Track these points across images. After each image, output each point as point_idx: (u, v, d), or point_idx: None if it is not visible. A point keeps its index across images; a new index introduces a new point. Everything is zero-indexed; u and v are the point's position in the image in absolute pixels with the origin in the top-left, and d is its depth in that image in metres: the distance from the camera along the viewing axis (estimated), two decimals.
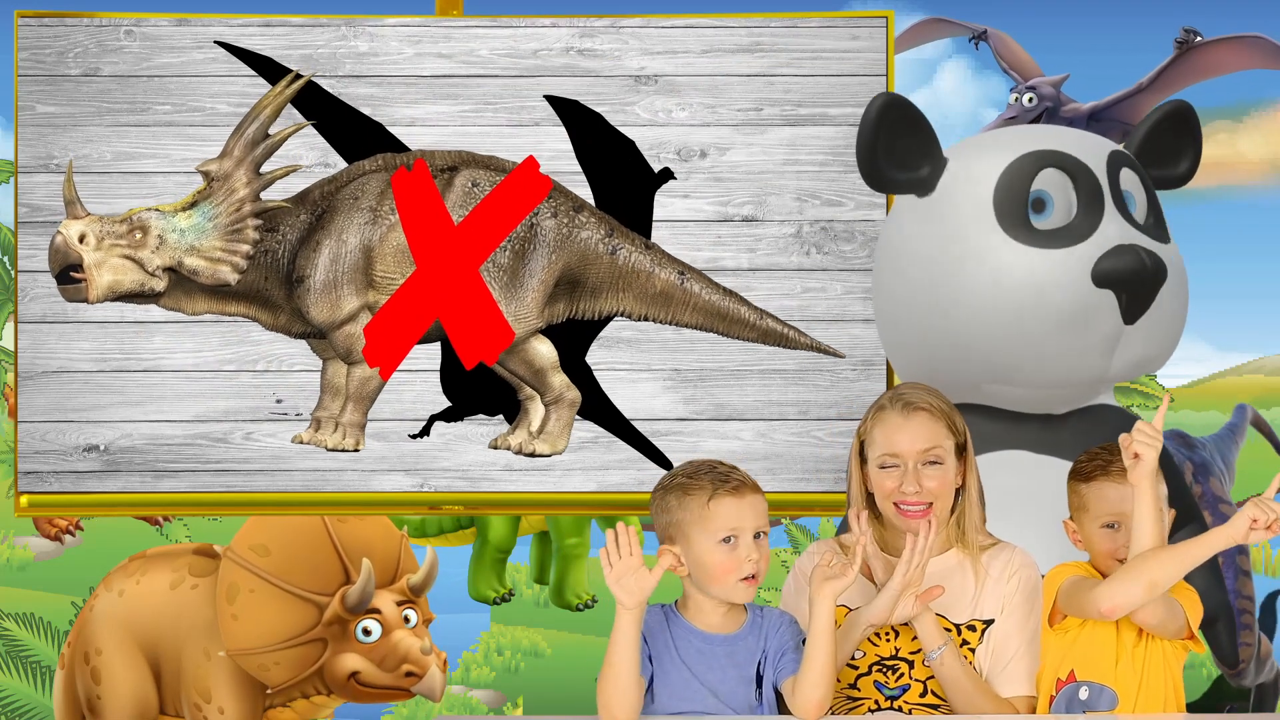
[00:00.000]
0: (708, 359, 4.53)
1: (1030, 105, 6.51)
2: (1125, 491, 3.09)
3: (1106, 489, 3.14)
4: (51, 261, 4.40)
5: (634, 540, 2.93)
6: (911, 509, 3.19)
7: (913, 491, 3.18)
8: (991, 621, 3.22)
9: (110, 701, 4.39)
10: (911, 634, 3.20)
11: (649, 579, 2.92)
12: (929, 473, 3.20)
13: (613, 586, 2.92)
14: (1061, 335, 3.66)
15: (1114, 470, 3.13)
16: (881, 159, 3.80)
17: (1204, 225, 8.09)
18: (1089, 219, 3.69)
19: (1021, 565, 3.26)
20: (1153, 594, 3.00)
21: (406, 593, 4.27)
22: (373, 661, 4.20)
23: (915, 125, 3.83)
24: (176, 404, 4.51)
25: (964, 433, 3.26)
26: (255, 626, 4.21)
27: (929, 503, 3.19)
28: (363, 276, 4.42)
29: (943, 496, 3.22)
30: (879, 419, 3.25)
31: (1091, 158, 3.76)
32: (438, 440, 4.53)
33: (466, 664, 7.49)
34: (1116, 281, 3.62)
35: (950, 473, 3.22)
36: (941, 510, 3.22)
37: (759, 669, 3.04)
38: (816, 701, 2.98)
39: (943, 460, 3.21)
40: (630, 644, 2.93)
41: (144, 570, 4.49)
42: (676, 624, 3.06)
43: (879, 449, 3.22)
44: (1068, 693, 3.13)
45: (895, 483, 3.20)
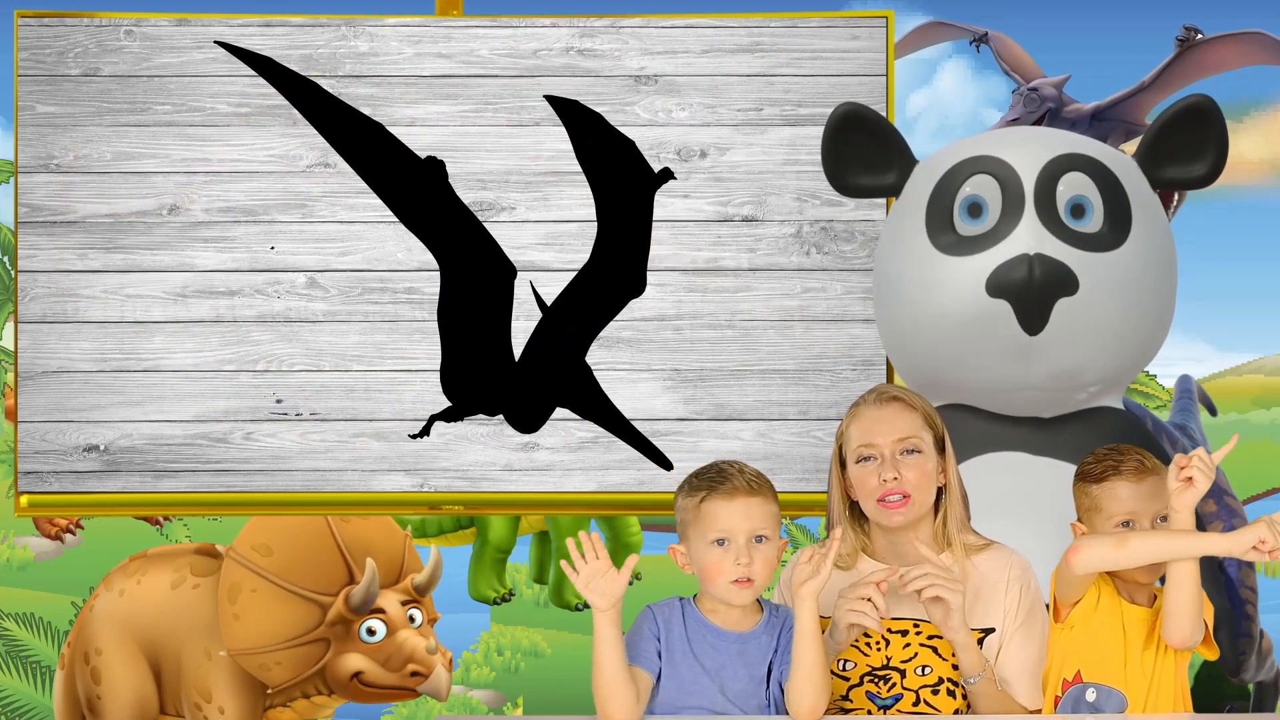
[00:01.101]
0: (708, 359, 4.53)
1: (1032, 106, 6.52)
2: (1139, 490, 3.09)
3: (1119, 488, 3.13)
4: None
5: (597, 544, 2.95)
6: (891, 500, 3.17)
7: (891, 479, 3.16)
8: (990, 630, 3.21)
9: (110, 701, 4.39)
10: (903, 643, 3.19)
11: (618, 580, 2.94)
12: (907, 462, 3.18)
13: (584, 591, 2.94)
14: (969, 344, 3.69)
15: (1126, 470, 3.12)
16: (842, 166, 3.93)
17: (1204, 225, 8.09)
18: (1006, 226, 3.69)
19: (1021, 572, 3.23)
20: (1121, 557, 2.99)
21: (411, 592, 4.28)
22: (377, 661, 4.20)
23: (876, 132, 3.91)
24: (176, 404, 4.51)
25: (942, 430, 3.24)
26: (257, 626, 4.21)
27: (907, 493, 3.17)
28: None
29: (921, 489, 3.19)
30: (855, 414, 3.25)
31: (1025, 163, 3.75)
32: (438, 440, 4.53)
33: (466, 664, 7.49)
34: (1006, 292, 3.62)
35: (929, 464, 3.19)
36: (921, 504, 3.20)
37: (770, 667, 3.04)
38: (808, 704, 2.97)
39: (921, 450, 3.19)
40: (612, 644, 2.94)
41: (144, 570, 4.49)
42: (692, 617, 3.07)
43: (856, 442, 3.21)
44: (1074, 693, 3.12)
45: (874, 477, 3.18)
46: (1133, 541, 2.99)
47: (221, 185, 4.54)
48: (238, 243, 4.53)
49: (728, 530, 3.00)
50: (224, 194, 4.54)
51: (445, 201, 4.54)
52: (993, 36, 6.83)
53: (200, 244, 4.53)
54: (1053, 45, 7.44)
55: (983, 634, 3.21)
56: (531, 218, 4.54)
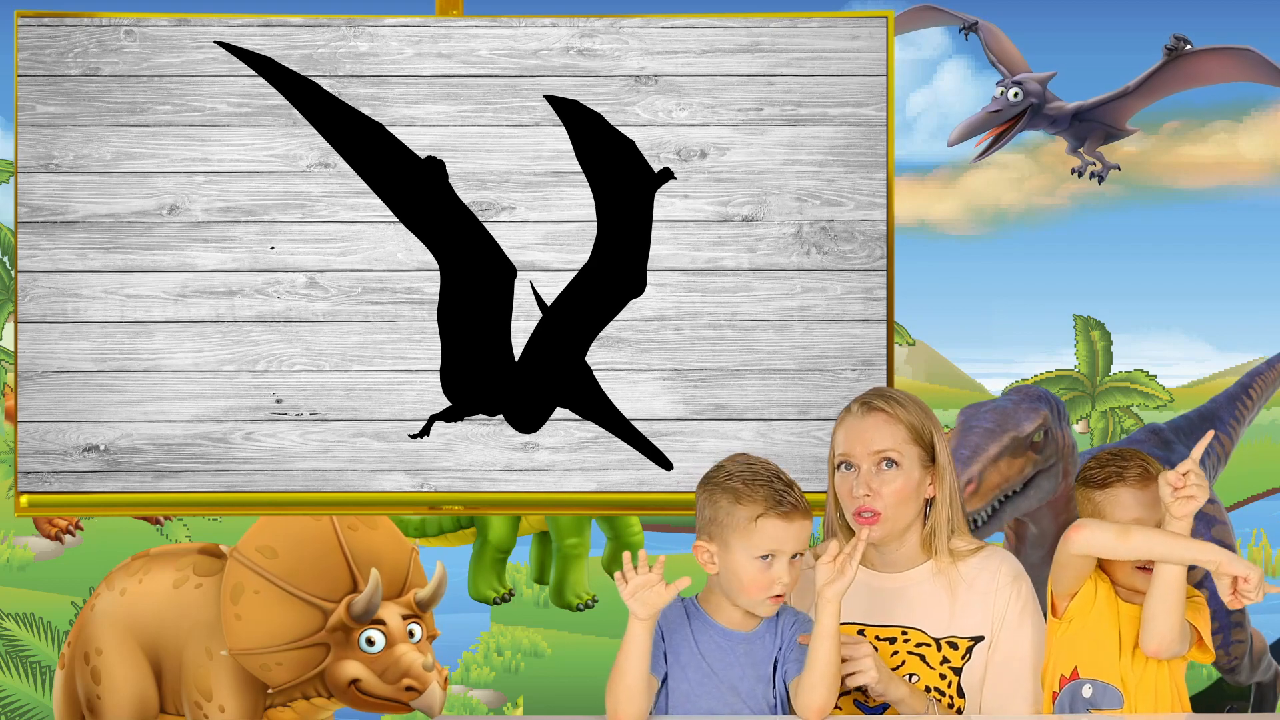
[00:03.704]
0: (708, 359, 4.53)
1: (1015, 100, 6.52)
2: (1142, 496, 3.10)
3: (1123, 494, 3.14)
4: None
5: (658, 566, 2.93)
6: (864, 515, 3.14)
7: (861, 494, 3.13)
8: (979, 639, 3.19)
9: (110, 701, 4.39)
10: (890, 650, 3.18)
11: (665, 595, 2.92)
12: (883, 476, 3.14)
13: (627, 599, 2.92)
14: None
15: (1129, 476, 3.13)
16: None
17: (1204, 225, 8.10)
18: None
19: (1012, 578, 3.21)
20: (1121, 547, 3.00)
21: (413, 606, 4.28)
22: (374, 672, 4.20)
23: None
24: (176, 404, 4.51)
25: (933, 440, 3.20)
26: (259, 627, 4.21)
27: (877, 511, 3.14)
28: None
29: (894, 505, 3.14)
30: (841, 420, 3.23)
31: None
32: (438, 440, 4.52)
33: (466, 664, 7.49)
34: None
35: (909, 480, 3.14)
36: (894, 521, 3.16)
37: (775, 666, 3.05)
38: (819, 703, 2.98)
39: (899, 464, 3.15)
40: (641, 652, 2.94)
41: (146, 569, 4.49)
42: (697, 618, 3.07)
43: (837, 449, 3.20)
44: (1071, 690, 3.12)
45: (850, 489, 3.16)
46: (1135, 535, 3.00)
47: (221, 185, 4.54)
48: (238, 243, 4.53)
49: (778, 550, 2.99)
50: (224, 194, 4.54)
51: (445, 201, 4.54)
52: (982, 26, 6.84)
53: (200, 244, 4.53)
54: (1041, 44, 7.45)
55: (971, 642, 3.19)
56: (531, 218, 4.54)
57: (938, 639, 3.17)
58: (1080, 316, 8.00)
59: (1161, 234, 7.49)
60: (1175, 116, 7.85)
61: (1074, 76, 6.90)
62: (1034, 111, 6.54)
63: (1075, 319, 8.03)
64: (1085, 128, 6.52)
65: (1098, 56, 7.84)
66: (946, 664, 3.16)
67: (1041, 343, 8.21)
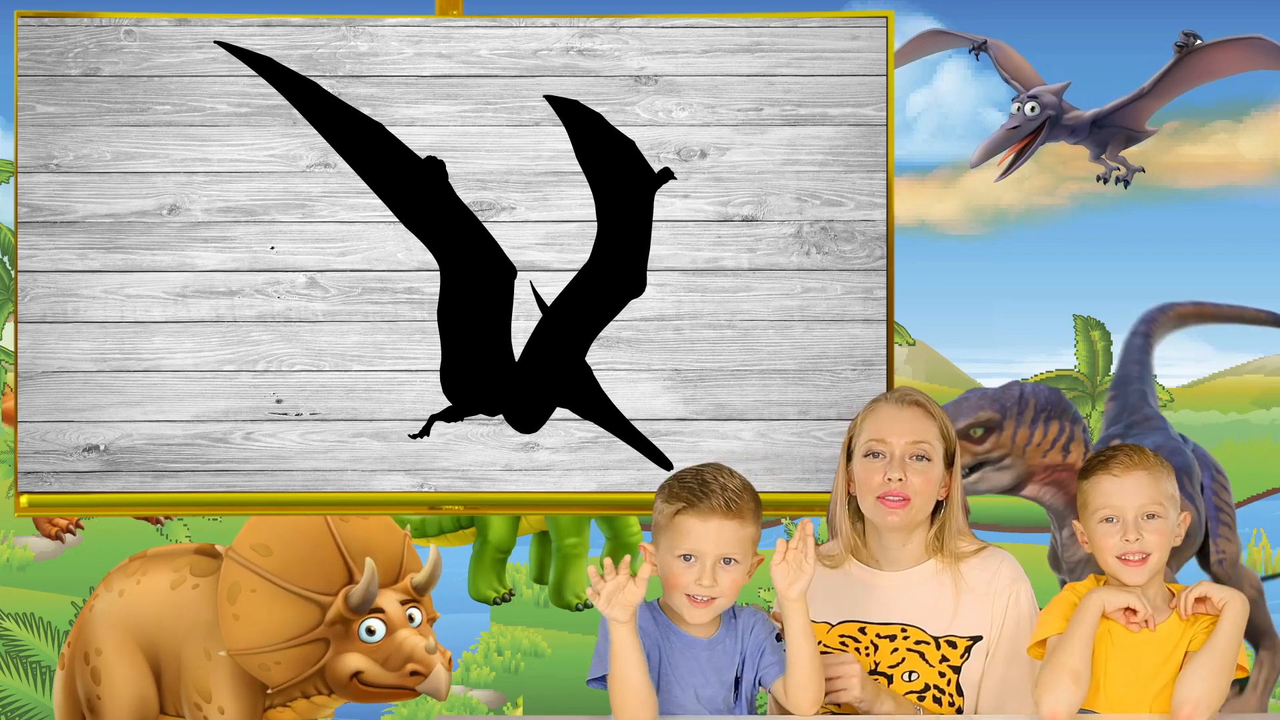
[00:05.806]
0: (708, 359, 4.53)
1: (1033, 114, 6.52)
2: (1122, 485, 3.07)
3: (1103, 482, 3.11)
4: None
5: (624, 565, 2.95)
6: (891, 499, 3.17)
7: (896, 479, 3.16)
8: (978, 639, 3.20)
9: (110, 701, 4.39)
10: (890, 648, 3.19)
11: (637, 590, 2.94)
12: (915, 467, 3.18)
13: (604, 608, 2.94)
14: None
15: (1115, 465, 3.11)
16: None
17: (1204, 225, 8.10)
18: None
19: (1011, 580, 3.22)
20: (1080, 682, 2.97)
21: (410, 591, 4.28)
22: (377, 661, 4.20)
23: None
24: (176, 404, 4.51)
25: (954, 445, 3.24)
26: (256, 626, 4.21)
27: (908, 497, 3.17)
28: None
29: (923, 495, 3.18)
30: (872, 409, 3.25)
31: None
32: (438, 440, 4.52)
33: (466, 664, 7.48)
34: None
35: (935, 474, 3.19)
36: (918, 510, 3.19)
37: (738, 672, 3.05)
38: (810, 697, 3.00)
39: (930, 458, 3.19)
40: (634, 652, 2.94)
41: (144, 570, 4.49)
42: (662, 623, 3.08)
43: (867, 436, 3.21)
44: None
45: (879, 474, 3.17)
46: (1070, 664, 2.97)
47: (221, 185, 4.54)
48: (238, 243, 4.53)
49: (696, 549, 2.99)
50: (224, 194, 4.54)
51: (445, 201, 4.54)
52: (992, 44, 6.84)
53: (200, 244, 4.53)
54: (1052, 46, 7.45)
55: (969, 642, 3.20)
56: (531, 218, 4.54)
57: (936, 637, 3.18)
58: (1080, 316, 7.99)
59: (1161, 234, 7.49)
60: (1175, 116, 7.84)
61: (1089, 78, 6.89)
62: (1052, 123, 6.54)
63: (1075, 319, 8.03)
64: (1105, 134, 6.52)
65: (1111, 56, 7.84)
66: (945, 662, 3.17)
67: (1041, 343, 8.21)
